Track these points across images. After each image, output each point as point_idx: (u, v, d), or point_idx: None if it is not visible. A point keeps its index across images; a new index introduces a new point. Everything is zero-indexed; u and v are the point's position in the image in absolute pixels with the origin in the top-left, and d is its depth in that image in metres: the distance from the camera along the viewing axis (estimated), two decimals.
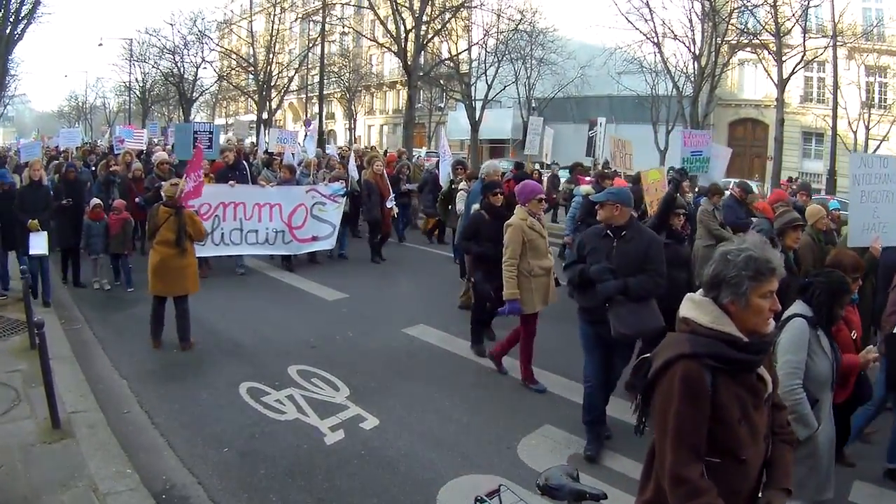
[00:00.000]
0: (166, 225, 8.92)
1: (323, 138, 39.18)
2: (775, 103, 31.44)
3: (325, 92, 41.84)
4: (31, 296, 9.54)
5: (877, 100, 34.99)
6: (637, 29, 33.84)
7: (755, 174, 36.43)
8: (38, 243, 10.51)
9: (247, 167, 15.13)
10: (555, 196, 20.01)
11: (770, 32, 30.10)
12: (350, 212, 16.07)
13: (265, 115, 48.21)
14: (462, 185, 13.35)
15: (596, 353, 6.60)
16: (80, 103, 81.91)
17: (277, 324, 10.48)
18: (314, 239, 14.38)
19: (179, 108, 56.43)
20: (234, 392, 7.71)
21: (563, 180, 22.13)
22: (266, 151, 22.76)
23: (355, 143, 54.65)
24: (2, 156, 33.89)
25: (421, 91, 47.47)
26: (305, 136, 25.03)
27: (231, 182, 13.49)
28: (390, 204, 15.74)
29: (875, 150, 31.72)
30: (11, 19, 27.26)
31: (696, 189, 14.85)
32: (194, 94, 55.41)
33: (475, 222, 9.12)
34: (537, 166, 24.13)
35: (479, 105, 42.33)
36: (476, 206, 9.69)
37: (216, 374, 8.30)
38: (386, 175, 16.30)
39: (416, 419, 7.21)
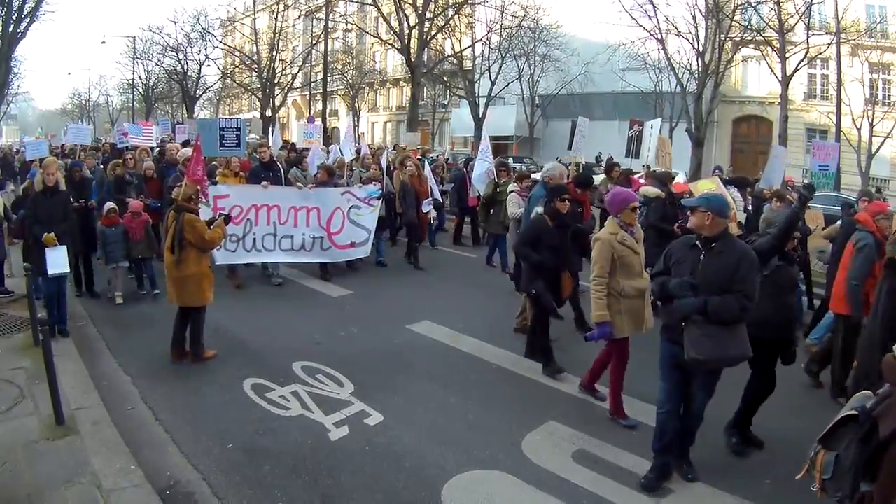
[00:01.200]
0: (170, 230, 8.43)
1: (327, 135, 39.18)
2: (779, 100, 31.42)
3: (328, 89, 41.92)
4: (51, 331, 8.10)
5: (880, 97, 34.92)
6: (641, 25, 33.90)
7: (760, 171, 36.37)
8: (58, 261, 8.86)
9: (281, 167, 13.92)
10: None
11: (773, 29, 30.12)
12: (384, 215, 14.66)
13: (269, 113, 48.22)
14: (512, 186, 12.31)
15: (672, 375, 5.92)
16: (84, 101, 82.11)
17: (281, 320, 10.44)
18: (352, 245, 13.19)
19: (183, 105, 56.61)
20: (238, 388, 7.70)
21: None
22: (293, 149, 21.85)
23: (360, 140, 54.55)
24: (6, 153, 33.76)
25: (424, 88, 47.47)
26: (342, 136, 23.23)
27: (264, 183, 12.36)
28: (427, 207, 14.94)
29: (879, 148, 31.73)
30: (14, 17, 27.29)
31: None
32: (198, 91, 55.53)
33: (536, 228, 8.42)
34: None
35: (482, 102, 42.38)
36: (538, 210, 8.85)
37: (220, 370, 8.28)
38: (429, 176, 15.60)
39: (420, 415, 7.20)
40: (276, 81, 50.22)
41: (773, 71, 31.65)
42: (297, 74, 53.34)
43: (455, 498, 5.59)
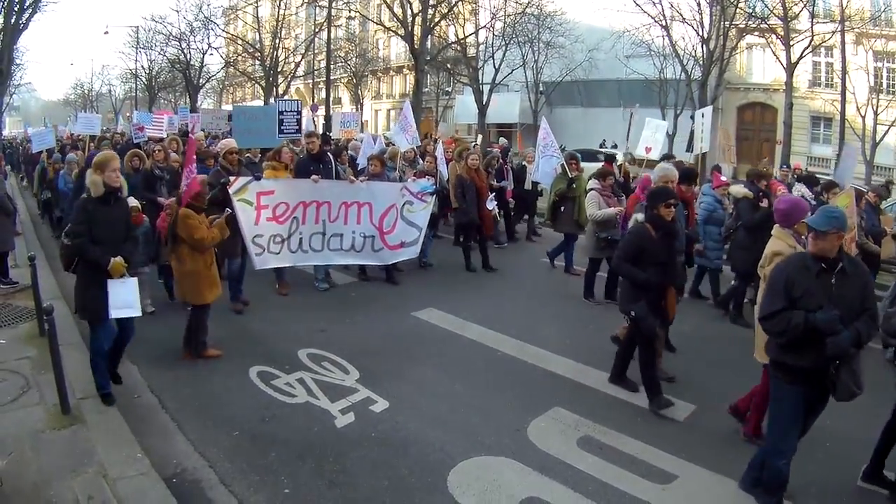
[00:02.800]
0: (167, 222, 8.17)
1: (330, 123, 39.09)
2: (784, 87, 31.34)
3: (331, 77, 41.80)
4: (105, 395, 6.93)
5: (885, 85, 34.79)
6: (645, 12, 33.77)
7: (765, 158, 36.33)
8: (125, 297, 6.83)
9: (332, 159, 12.13)
10: None
11: (778, 16, 29.98)
12: (436, 212, 13.42)
13: (272, 101, 48.11)
14: (592, 184, 11.26)
15: (800, 421, 5.27)
16: (86, 91, 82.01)
17: (286, 308, 10.45)
18: (402, 245, 11.94)
19: (186, 94, 56.55)
20: (244, 376, 7.72)
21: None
22: (326, 140, 20.45)
23: (364, 128, 54.46)
24: (13, 144, 33.61)
25: (428, 75, 47.37)
26: (396, 122, 20.38)
27: (314, 177, 10.93)
28: (491, 205, 13.36)
29: (883, 136, 31.65)
30: (16, 8, 27.20)
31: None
32: (201, 80, 55.46)
33: (638, 240, 7.23)
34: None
35: (486, 89, 42.27)
36: (638, 218, 7.74)
37: (226, 358, 8.29)
38: (483, 170, 13.87)
39: (426, 402, 7.22)
40: (279, 70, 50.13)
41: (777, 58, 31.54)
42: (300, 62, 53.25)
43: (461, 483, 5.61)
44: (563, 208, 12.90)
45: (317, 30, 49.81)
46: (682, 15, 33.05)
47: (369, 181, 11.78)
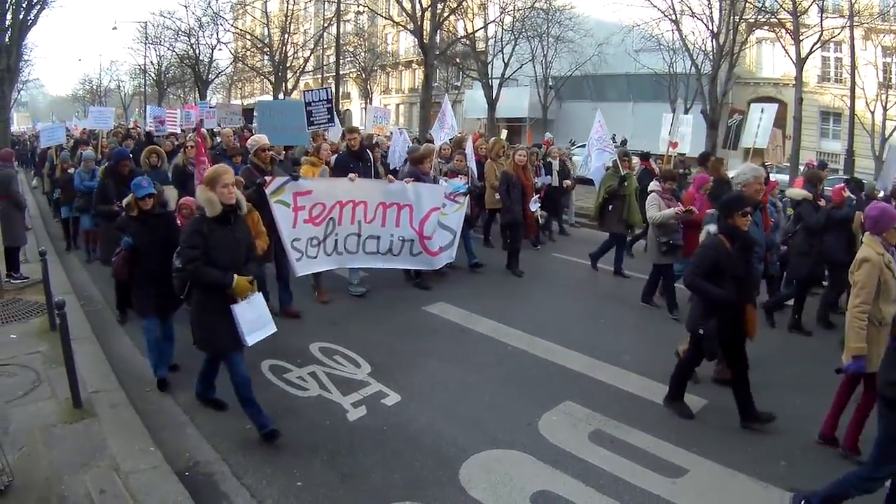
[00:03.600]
0: None
1: (340, 118, 39.02)
2: (793, 82, 31.22)
3: (340, 72, 41.77)
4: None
5: (894, 81, 34.66)
6: (655, 6, 33.58)
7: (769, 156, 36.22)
8: (255, 316, 6.22)
9: (371, 157, 11.59)
10: None
11: (787, 11, 29.85)
12: (469, 212, 12.71)
13: (281, 96, 48.12)
14: (654, 185, 10.56)
15: None
16: (95, 87, 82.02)
17: (297, 302, 10.30)
18: (441, 251, 11.36)
19: (195, 89, 56.57)
20: (256, 370, 7.65)
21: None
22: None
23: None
24: (21, 140, 33.60)
25: (437, 70, 47.30)
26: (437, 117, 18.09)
27: (351, 175, 10.32)
28: (535, 206, 12.90)
29: (893, 132, 31.56)
30: (25, 4, 27.19)
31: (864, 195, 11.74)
32: (210, 75, 55.49)
33: (714, 253, 6.63)
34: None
35: (495, 84, 42.21)
36: (711, 229, 6.91)
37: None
38: (530, 168, 13.32)
39: (437, 396, 7.22)
40: (287, 65, 50.12)
41: (787, 53, 31.41)
42: (308, 58, 53.23)
43: (473, 477, 5.61)
44: (611, 207, 12.47)
45: (326, 25, 49.92)
46: (691, 9, 32.90)
47: (415, 182, 10.99)
